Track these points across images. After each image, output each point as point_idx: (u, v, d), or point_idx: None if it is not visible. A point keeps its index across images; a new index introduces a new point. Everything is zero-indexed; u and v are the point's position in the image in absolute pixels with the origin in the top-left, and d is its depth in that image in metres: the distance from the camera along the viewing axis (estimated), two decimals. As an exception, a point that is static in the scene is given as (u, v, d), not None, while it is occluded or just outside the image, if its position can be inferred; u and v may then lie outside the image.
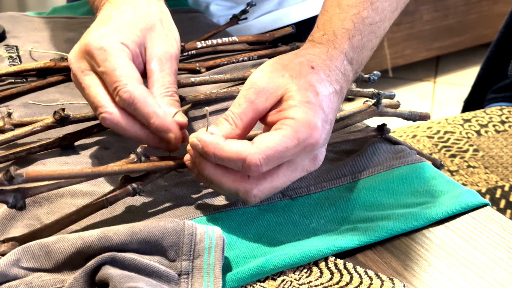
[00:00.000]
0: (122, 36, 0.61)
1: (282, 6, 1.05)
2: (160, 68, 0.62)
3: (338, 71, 0.59)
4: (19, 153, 0.66)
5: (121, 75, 0.58)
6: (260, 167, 0.53)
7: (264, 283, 0.53)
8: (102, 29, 0.61)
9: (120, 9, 0.64)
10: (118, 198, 0.58)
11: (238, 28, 1.02)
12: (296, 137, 0.54)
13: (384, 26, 0.63)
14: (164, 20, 0.66)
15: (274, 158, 0.54)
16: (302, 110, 0.55)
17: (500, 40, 1.35)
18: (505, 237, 0.59)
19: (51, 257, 0.50)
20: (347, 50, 0.60)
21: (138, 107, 0.58)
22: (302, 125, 0.55)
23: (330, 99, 0.57)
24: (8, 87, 0.80)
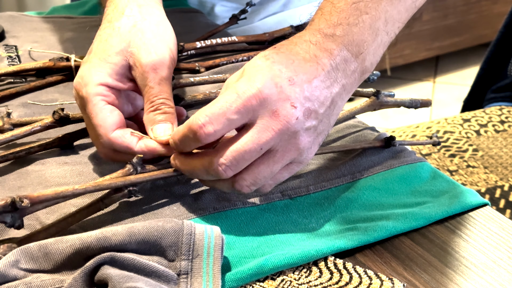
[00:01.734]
0: (98, 75, 0.62)
1: (287, 8, 1.05)
2: (143, 84, 0.63)
3: (307, 43, 0.57)
4: (18, 153, 0.66)
5: (96, 125, 0.61)
6: (205, 127, 0.53)
7: (263, 283, 0.53)
8: (83, 70, 0.63)
9: (100, 36, 0.65)
10: (114, 200, 0.58)
11: (243, 30, 1.02)
12: (235, 91, 0.54)
13: (381, 7, 0.59)
14: (146, 28, 0.65)
15: (217, 114, 0.53)
16: (246, 74, 0.55)
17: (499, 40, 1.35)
18: (505, 237, 0.59)
19: (50, 258, 0.50)
20: (322, 27, 0.58)
21: (119, 150, 0.61)
22: (240, 82, 0.54)
23: (290, 63, 0.55)
24: (7, 87, 0.80)
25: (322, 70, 0.56)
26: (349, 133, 0.73)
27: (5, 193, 0.62)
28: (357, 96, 0.80)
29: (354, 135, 0.72)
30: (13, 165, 0.66)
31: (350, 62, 0.58)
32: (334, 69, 0.57)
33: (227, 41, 0.89)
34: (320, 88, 0.56)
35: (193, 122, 0.54)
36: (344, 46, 0.58)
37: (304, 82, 0.55)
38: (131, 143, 0.61)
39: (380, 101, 0.71)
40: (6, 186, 0.63)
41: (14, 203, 0.51)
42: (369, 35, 0.59)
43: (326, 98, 0.56)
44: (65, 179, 0.64)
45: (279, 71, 0.55)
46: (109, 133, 0.61)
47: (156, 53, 0.63)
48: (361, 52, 0.58)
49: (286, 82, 0.55)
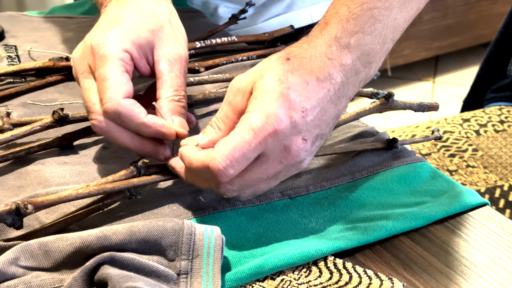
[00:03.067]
0: (126, 42, 0.61)
1: (291, 10, 1.05)
2: (169, 69, 0.62)
3: (322, 57, 0.56)
4: (18, 152, 0.66)
5: (109, 87, 0.58)
6: (226, 171, 0.52)
7: (263, 282, 0.53)
8: (108, 33, 0.61)
9: (128, 11, 0.64)
10: (114, 201, 0.58)
11: (246, 31, 1.02)
12: (251, 128, 0.53)
13: (391, 15, 0.59)
14: (173, 20, 0.66)
15: (236, 157, 0.53)
16: (260, 100, 0.54)
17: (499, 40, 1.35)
18: (504, 237, 0.59)
19: (50, 256, 0.50)
20: (339, 35, 0.57)
21: (125, 120, 0.59)
22: (256, 114, 0.53)
23: (304, 87, 0.54)
24: (7, 86, 0.80)
25: (334, 90, 0.56)
26: (349, 132, 0.73)
27: (5, 193, 0.62)
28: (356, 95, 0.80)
29: (354, 135, 0.72)
30: (13, 165, 0.66)
31: (360, 73, 0.58)
32: (345, 84, 0.57)
33: (227, 41, 0.89)
34: (329, 111, 0.56)
35: (213, 164, 0.53)
36: (357, 58, 0.57)
37: (316, 109, 0.55)
38: (140, 114, 0.59)
39: (390, 104, 0.71)
40: (6, 186, 0.63)
41: (18, 209, 0.51)
42: (379, 44, 0.58)
43: (333, 117, 0.57)
44: (65, 179, 0.64)
45: (294, 101, 0.54)
46: (121, 98, 0.58)
47: (182, 47, 0.64)
48: (371, 62, 0.58)
49: (300, 114, 0.54)
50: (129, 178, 0.59)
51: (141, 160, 0.59)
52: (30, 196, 0.60)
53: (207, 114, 0.76)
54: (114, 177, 0.58)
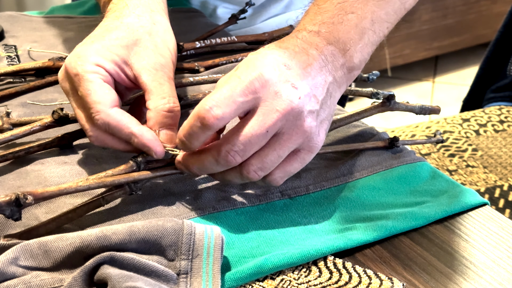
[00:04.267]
0: (98, 57, 0.61)
1: (289, 10, 1.05)
2: (151, 79, 0.62)
3: (294, 39, 0.59)
4: (17, 152, 0.66)
5: (93, 102, 0.59)
6: (212, 110, 0.53)
7: (263, 282, 0.53)
8: (79, 50, 0.62)
9: (106, 27, 0.65)
10: (115, 196, 0.58)
11: (245, 32, 1.02)
12: (237, 75, 0.54)
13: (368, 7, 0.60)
14: (155, 31, 0.65)
15: (223, 99, 0.53)
16: (243, 63, 0.56)
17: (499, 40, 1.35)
18: (504, 237, 0.59)
19: (50, 255, 0.50)
20: (307, 26, 0.60)
21: (115, 131, 0.59)
22: (241, 67, 0.55)
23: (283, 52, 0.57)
24: (7, 86, 0.80)
25: (314, 60, 0.58)
26: (348, 132, 0.73)
27: (4, 192, 0.62)
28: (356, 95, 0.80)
29: (354, 134, 0.72)
30: (13, 164, 0.66)
31: (338, 57, 0.59)
32: (323, 60, 0.58)
33: (227, 41, 0.89)
34: (314, 75, 0.57)
35: (200, 108, 0.54)
36: (329, 42, 0.59)
37: (299, 68, 0.57)
38: (128, 123, 0.59)
39: (391, 106, 0.71)
40: (6, 185, 0.63)
41: (18, 199, 0.51)
42: (355, 33, 0.60)
43: (321, 84, 0.57)
44: (65, 178, 0.64)
45: (274, 58, 0.56)
46: (107, 109, 0.59)
47: (163, 55, 0.64)
48: (348, 49, 0.59)
49: (283, 67, 0.56)
50: (129, 173, 0.58)
51: (141, 155, 0.59)
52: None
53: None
54: (114, 172, 0.58)
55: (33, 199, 0.52)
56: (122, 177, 0.57)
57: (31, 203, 0.52)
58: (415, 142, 0.76)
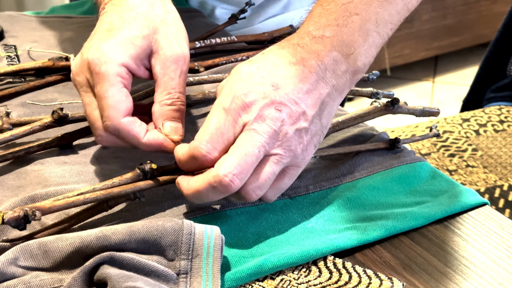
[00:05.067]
0: (122, 55, 0.60)
1: (287, 10, 1.05)
2: (163, 72, 0.62)
3: (294, 46, 0.58)
4: (17, 152, 0.66)
5: (109, 106, 0.58)
6: (208, 153, 0.54)
7: (263, 282, 0.53)
8: (103, 46, 0.61)
9: (122, 18, 0.63)
10: (118, 202, 0.58)
11: (243, 32, 1.02)
12: (222, 108, 0.55)
13: (372, 8, 0.60)
14: (169, 20, 0.65)
15: (215, 137, 0.54)
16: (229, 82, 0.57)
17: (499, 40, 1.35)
18: (504, 236, 0.59)
19: (49, 256, 0.50)
20: (311, 29, 0.59)
21: (124, 138, 0.60)
22: (223, 94, 0.56)
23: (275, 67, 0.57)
24: (7, 86, 0.80)
25: (309, 72, 0.57)
26: (348, 132, 0.73)
27: (4, 192, 0.62)
28: (356, 95, 0.80)
29: (354, 135, 0.72)
30: (12, 164, 0.66)
31: (340, 63, 0.58)
32: (322, 70, 0.57)
33: (226, 41, 0.89)
34: (308, 91, 0.57)
35: (196, 152, 0.55)
36: (333, 47, 0.58)
37: (289, 85, 0.56)
38: (139, 134, 0.59)
39: (395, 110, 0.71)
40: (5, 185, 0.63)
41: (26, 216, 0.51)
42: (360, 35, 0.59)
43: (314, 99, 0.57)
44: (64, 178, 0.64)
45: (262, 78, 0.56)
46: (120, 117, 0.58)
47: (180, 46, 0.63)
48: (352, 53, 0.59)
49: (269, 88, 0.56)
50: (134, 181, 0.58)
51: (148, 164, 0.59)
52: (29, 196, 0.60)
53: (207, 114, 0.76)
54: (120, 180, 0.58)
55: (41, 215, 0.52)
56: (129, 187, 0.57)
57: (39, 219, 0.52)
58: (414, 140, 0.76)
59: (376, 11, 0.60)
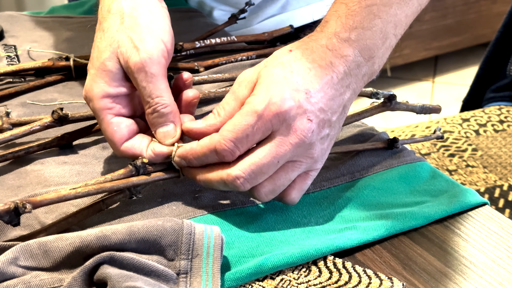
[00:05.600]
0: (98, 88, 0.61)
1: (285, 10, 1.05)
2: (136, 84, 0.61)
3: (324, 48, 0.58)
4: (17, 152, 0.66)
5: (107, 139, 0.61)
6: (231, 150, 0.55)
7: (262, 282, 0.53)
8: (86, 84, 0.62)
9: (95, 41, 0.63)
10: (115, 200, 0.58)
11: (242, 32, 1.02)
12: (254, 111, 0.55)
13: (391, 11, 0.60)
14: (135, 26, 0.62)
15: (240, 137, 0.55)
16: (264, 84, 0.56)
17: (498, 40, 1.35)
18: (504, 236, 0.59)
19: (49, 256, 0.50)
20: (338, 30, 0.59)
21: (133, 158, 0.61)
22: (258, 97, 0.55)
23: (307, 72, 0.56)
24: (6, 86, 0.80)
25: (337, 78, 0.58)
26: (348, 132, 0.73)
27: (4, 192, 0.62)
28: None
29: (353, 134, 0.72)
30: (12, 164, 0.66)
31: (362, 67, 0.59)
32: (347, 75, 0.58)
33: (226, 41, 0.89)
34: (334, 97, 0.57)
35: (219, 146, 0.55)
36: (358, 52, 0.59)
37: (319, 93, 0.56)
38: (141, 152, 0.61)
39: (392, 106, 0.71)
40: (5, 185, 0.63)
41: (17, 208, 0.51)
42: (380, 39, 0.60)
43: (339, 105, 0.58)
44: (64, 178, 0.64)
45: (297, 83, 0.56)
46: (119, 146, 0.61)
47: (145, 49, 0.60)
48: (372, 56, 0.60)
49: (303, 95, 0.56)
50: (128, 177, 0.59)
51: (140, 160, 0.59)
52: (29, 195, 0.60)
53: (207, 113, 0.76)
54: (113, 176, 0.58)
55: (32, 207, 0.52)
56: (121, 182, 0.57)
57: (30, 211, 0.52)
58: (415, 141, 0.76)
59: (395, 13, 0.60)
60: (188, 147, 0.58)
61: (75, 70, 0.81)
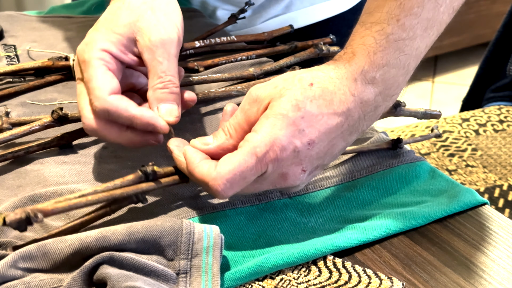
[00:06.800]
0: (102, 42, 0.62)
1: (289, 11, 1.05)
2: (151, 58, 0.62)
3: (345, 91, 0.55)
4: (17, 152, 0.66)
5: (94, 88, 0.60)
6: (223, 192, 0.53)
7: (262, 282, 0.53)
8: (88, 38, 0.63)
9: (107, 11, 0.65)
10: (121, 206, 0.58)
11: (245, 32, 1.02)
12: (254, 153, 0.53)
13: (414, 45, 0.58)
14: (156, 6, 0.65)
15: (236, 180, 0.53)
16: (269, 123, 0.54)
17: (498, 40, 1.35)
18: (504, 236, 0.59)
19: (49, 257, 0.50)
20: (366, 68, 0.56)
21: (115, 117, 0.59)
22: (261, 139, 0.53)
23: (318, 119, 0.54)
24: (6, 86, 0.80)
25: (348, 126, 0.56)
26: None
27: (4, 192, 0.62)
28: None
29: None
30: (12, 164, 0.66)
31: (380, 107, 0.58)
32: (361, 120, 0.57)
33: (226, 41, 0.89)
34: (337, 145, 0.56)
35: (212, 184, 0.53)
36: (379, 93, 0.57)
37: (323, 142, 0.55)
38: (128, 107, 0.59)
39: (397, 112, 0.70)
40: (5, 185, 0.63)
41: (28, 218, 0.51)
42: (402, 75, 0.58)
43: (340, 151, 0.58)
44: (64, 178, 0.64)
45: (303, 132, 0.54)
46: (106, 95, 0.59)
47: (165, 30, 0.63)
48: (392, 95, 0.58)
49: (306, 146, 0.54)
50: (136, 183, 0.58)
51: (151, 167, 0.58)
52: (29, 195, 0.60)
53: (207, 113, 0.76)
54: (122, 182, 0.57)
55: (43, 217, 0.52)
56: (130, 189, 0.57)
57: (41, 221, 0.52)
58: (415, 140, 0.76)
59: (418, 46, 0.58)
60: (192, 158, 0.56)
61: (74, 70, 0.81)
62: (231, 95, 0.76)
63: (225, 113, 0.60)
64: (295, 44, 0.89)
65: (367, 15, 0.58)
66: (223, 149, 0.56)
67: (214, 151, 0.56)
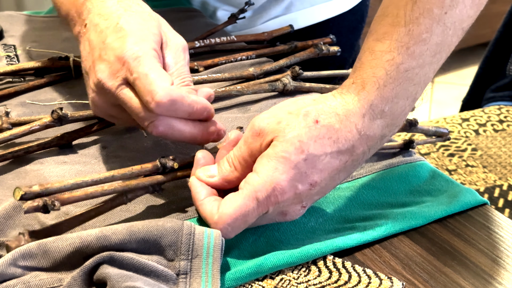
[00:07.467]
0: (150, 42, 0.61)
1: (289, 11, 1.05)
2: (175, 61, 0.63)
3: (352, 129, 0.55)
4: (17, 152, 0.66)
5: (154, 79, 0.57)
6: (225, 236, 0.54)
7: (262, 282, 0.53)
8: (128, 42, 0.60)
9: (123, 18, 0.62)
10: (137, 195, 0.59)
11: (245, 33, 1.02)
12: (255, 197, 0.53)
13: (423, 72, 0.57)
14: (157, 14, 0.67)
15: (237, 223, 0.54)
16: (271, 166, 0.53)
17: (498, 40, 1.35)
18: (504, 236, 0.59)
19: (49, 256, 0.50)
20: (375, 102, 0.55)
21: (178, 104, 0.58)
22: (263, 184, 0.53)
23: (321, 160, 0.54)
24: (6, 86, 0.80)
25: (351, 161, 0.56)
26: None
27: (4, 192, 0.62)
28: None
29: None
30: (12, 164, 0.66)
31: (385, 137, 0.58)
32: (365, 154, 0.57)
33: (226, 41, 0.89)
34: (340, 179, 0.57)
35: (214, 226, 0.54)
36: (387, 125, 0.56)
37: (325, 180, 0.55)
38: (190, 93, 0.59)
39: (410, 130, 0.70)
40: (5, 185, 0.63)
41: (46, 206, 0.52)
42: (409, 105, 0.57)
43: (341, 181, 0.57)
44: (64, 178, 0.64)
45: (305, 175, 0.53)
46: (169, 84, 0.57)
47: (180, 37, 0.66)
48: (399, 125, 0.58)
49: (307, 187, 0.54)
50: (153, 173, 0.59)
51: (172, 162, 0.59)
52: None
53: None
54: (140, 170, 0.59)
55: (60, 205, 0.52)
56: (147, 179, 0.58)
57: (58, 209, 0.52)
58: (426, 142, 0.76)
59: (426, 72, 0.57)
60: (198, 192, 0.57)
61: (74, 69, 0.81)
62: (231, 95, 0.76)
63: (228, 140, 0.60)
64: (295, 44, 0.89)
65: (375, 41, 0.56)
66: (228, 181, 0.57)
67: (219, 184, 0.57)
